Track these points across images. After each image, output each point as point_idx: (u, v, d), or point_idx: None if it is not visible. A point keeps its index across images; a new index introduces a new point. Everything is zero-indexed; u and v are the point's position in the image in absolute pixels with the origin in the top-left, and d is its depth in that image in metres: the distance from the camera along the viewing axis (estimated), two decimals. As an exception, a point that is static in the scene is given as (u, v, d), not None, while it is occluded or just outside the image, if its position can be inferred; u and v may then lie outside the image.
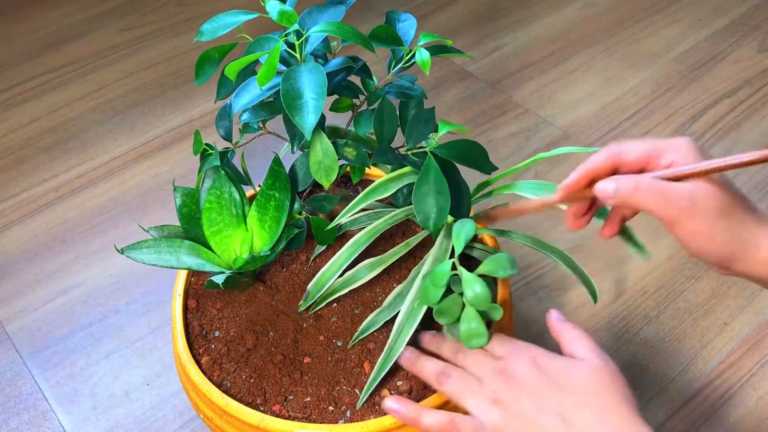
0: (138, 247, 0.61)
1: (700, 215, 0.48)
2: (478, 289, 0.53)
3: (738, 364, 0.81)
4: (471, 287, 0.54)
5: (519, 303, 0.86)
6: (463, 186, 0.61)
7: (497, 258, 0.56)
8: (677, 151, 0.49)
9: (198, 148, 0.62)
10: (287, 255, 0.70)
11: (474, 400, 0.53)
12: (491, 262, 0.55)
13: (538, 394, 0.51)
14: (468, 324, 0.56)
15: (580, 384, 0.51)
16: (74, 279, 0.92)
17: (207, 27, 0.58)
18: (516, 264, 0.56)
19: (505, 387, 0.52)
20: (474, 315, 0.55)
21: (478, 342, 0.56)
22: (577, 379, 0.52)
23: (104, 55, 1.27)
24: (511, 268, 0.55)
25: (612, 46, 1.24)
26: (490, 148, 1.06)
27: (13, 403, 0.80)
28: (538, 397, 0.51)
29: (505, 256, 0.56)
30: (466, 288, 0.54)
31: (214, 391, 0.59)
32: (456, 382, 0.55)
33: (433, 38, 0.59)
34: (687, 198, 0.47)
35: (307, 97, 0.52)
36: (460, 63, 1.22)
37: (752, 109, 1.11)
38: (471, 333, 0.56)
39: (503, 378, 0.53)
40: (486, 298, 0.54)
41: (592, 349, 0.54)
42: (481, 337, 0.56)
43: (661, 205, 0.48)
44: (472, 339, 0.56)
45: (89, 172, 1.06)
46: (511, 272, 0.55)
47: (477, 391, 0.53)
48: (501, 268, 0.55)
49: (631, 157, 0.50)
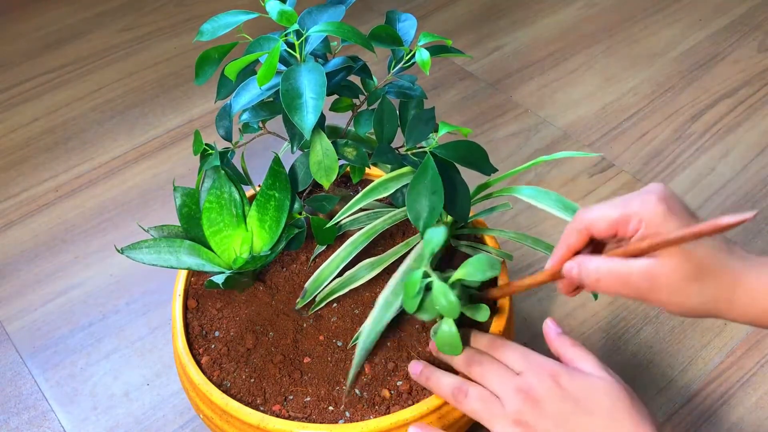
0: (138, 247, 0.61)
1: (665, 289, 0.47)
2: (452, 298, 0.52)
3: (738, 364, 0.81)
4: (444, 297, 0.52)
5: (519, 303, 0.86)
6: (463, 187, 0.61)
7: (475, 261, 0.54)
8: (643, 213, 0.48)
9: (198, 148, 0.62)
10: (287, 255, 0.70)
11: (496, 421, 0.52)
12: (468, 265, 0.54)
13: (563, 416, 0.51)
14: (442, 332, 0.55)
15: (603, 406, 0.51)
16: (74, 279, 0.92)
17: (207, 27, 0.58)
18: (497, 265, 0.54)
19: (528, 409, 0.51)
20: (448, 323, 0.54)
21: (451, 351, 0.56)
22: (599, 400, 0.51)
23: (104, 55, 1.27)
24: (490, 269, 0.54)
25: (612, 46, 1.24)
26: (490, 148, 1.06)
27: (13, 403, 0.80)
28: (563, 419, 0.50)
29: (485, 257, 0.54)
30: (437, 298, 0.53)
31: (214, 391, 0.59)
32: (475, 400, 0.54)
33: (433, 38, 0.59)
34: (647, 278, 0.47)
35: (306, 96, 0.52)
36: (460, 63, 1.22)
37: (752, 109, 1.11)
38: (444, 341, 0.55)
39: (525, 397, 0.52)
40: (456, 308, 0.52)
41: (599, 366, 0.53)
42: (455, 349, 0.55)
43: (623, 290, 0.48)
44: (445, 347, 0.56)
45: (89, 172, 1.06)
46: (490, 274, 0.54)
47: (498, 412, 0.52)
48: (479, 271, 0.54)
49: (601, 228, 0.50)
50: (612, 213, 0.49)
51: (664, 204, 0.48)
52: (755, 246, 0.91)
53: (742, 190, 0.99)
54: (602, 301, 0.87)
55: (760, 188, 0.99)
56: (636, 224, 0.48)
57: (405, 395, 0.60)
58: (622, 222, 0.49)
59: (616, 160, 1.03)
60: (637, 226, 0.48)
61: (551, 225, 0.94)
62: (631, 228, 0.48)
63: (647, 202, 0.48)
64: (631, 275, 0.48)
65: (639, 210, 0.48)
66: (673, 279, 0.47)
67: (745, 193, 0.98)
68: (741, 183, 0.99)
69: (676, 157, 1.04)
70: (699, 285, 0.47)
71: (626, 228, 0.49)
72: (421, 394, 0.59)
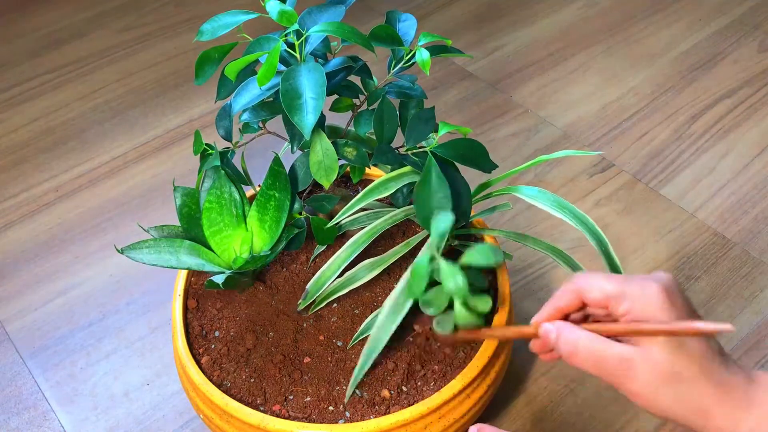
0: (138, 247, 0.61)
1: (639, 381, 0.45)
2: (460, 278, 0.52)
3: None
4: (452, 278, 0.53)
5: (519, 303, 0.86)
6: (463, 186, 0.61)
7: (480, 248, 0.54)
8: (638, 299, 0.46)
9: (198, 148, 0.62)
10: (287, 255, 0.70)
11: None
12: (473, 251, 0.54)
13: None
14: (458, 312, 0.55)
15: None
16: (74, 279, 0.92)
17: (207, 27, 0.58)
18: (500, 253, 0.54)
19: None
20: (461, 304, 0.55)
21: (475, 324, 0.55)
22: None
23: (104, 55, 1.27)
24: (494, 256, 0.53)
25: (612, 46, 1.24)
26: (490, 148, 1.06)
27: (13, 403, 0.80)
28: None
29: (488, 245, 0.55)
30: (446, 279, 0.53)
31: (214, 391, 0.59)
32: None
33: (433, 38, 0.59)
34: (622, 366, 0.45)
35: (306, 96, 0.52)
36: (460, 63, 1.22)
37: (752, 109, 1.10)
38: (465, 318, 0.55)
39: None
40: (465, 287, 0.53)
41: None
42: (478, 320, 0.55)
43: (597, 370, 0.46)
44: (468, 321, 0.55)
45: (89, 172, 1.06)
46: (494, 260, 0.53)
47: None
48: (483, 257, 0.54)
49: (594, 296, 0.48)
50: (608, 286, 0.47)
51: (664, 294, 0.46)
52: (755, 246, 0.91)
53: (742, 190, 0.99)
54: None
55: (760, 188, 0.99)
56: (628, 306, 0.46)
57: (405, 395, 0.60)
58: (616, 298, 0.47)
59: (616, 160, 1.03)
60: (629, 308, 0.46)
61: (551, 225, 0.94)
62: (622, 309, 0.46)
63: (648, 288, 0.46)
64: (607, 358, 0.46)
65: (637, 292, 0.46)
66: (648, 374, 0.44)
67: (745, 193, 0.98)
68: (741, 183, 0.99)
69: (676, 157, 1.04)
70: (673, 388, 0.44)
71: (618, 306, 0.47)
72: (421, 394, 0.59)
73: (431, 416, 0.57)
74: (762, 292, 0.87)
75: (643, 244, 0.93)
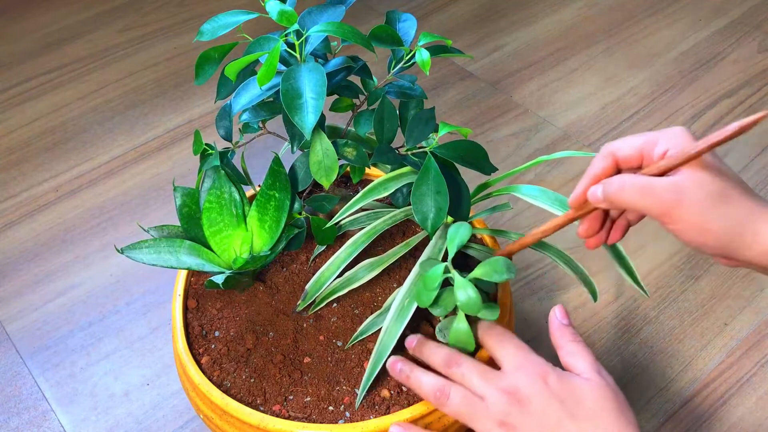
0: (138, 247, 0.61)
1: (690, 206, 0.46)
2: (471, 293, 0.53)
3: (738, 364, 0.81)
4: (464, 291, 0.53)
5: (519, 303, 0.86)
6: (463, 187, 0.61)
7: (493, 261, 0.55)
8: (670, 139, 0.48)
9: (198, 148, 0.62)
10: (287, 255, 0.70)
11: (480, 422, 0.51)
12: (486, 265, 0.54)
13: (547, 417, 0.50)
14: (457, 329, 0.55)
15: (590, 409, 0.50)
16: (74, 279, 0.92)
17: (207, 27, 0.58)
18: (513, 268, 0.54)
19: (515, 410, 0.51)
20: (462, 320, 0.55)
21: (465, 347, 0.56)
22: (587, 402, 0.51)
23: (104, 55, 1.27)
24: (507, 272, 0.54)
25: (612, 46, 1.24)
26: (490, 148, 1.06)
27: (13, 403, 0.80)
28: (547, 420, 0.50)
29: (502, 260, 0.55)
30: (458, 292, 0.53)
31: (214, 391, 0.59)
32: (458, 402, 0.53)
33: (433, 38, 0.59)
34: (673, 190, 0.46)
35: (306, 96, 0.52)
36: (460, 63, 1.22)
37: (752, 109, 1.11)
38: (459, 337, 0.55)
39: (510, 398, 0.51)
40: (477, 304, 0.53)
41: (592, 366, 0.53)
42: (468, 346, 0.56)
43: (649, 202, 0.47)
44: (459, 343, 0.56)
45: (89, 172, 1.06)
46: (506, 276, 0.54)
47: (483, 414, 0.52)
48: (496, 272, 0.54)
49: (625, 154, 0.50)
50: (638, 139, 0.50)
51: (687, 133, 0.49)
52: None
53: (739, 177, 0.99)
54: (603, 302, 0.87)
55: (761, 188, 0.99)
56: (664, 145, 0.48)
57: (405, 395, 0.60)
58: (649, 143, 0.49)
59: (616, 160, 1.03)
60: (665, 146, 0.48)
61: (551, 225, 0.94)
62: (658, 150, 0.48)
63: (671, 131, 0.49)
64: (659, 187, 0.47)
65: (668, 133, 0.49)
66: (698, 195, 0.46)
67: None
68: (741, 183, 0.99)
69: (676, 157, 1.04)
70: (721, 209, 0.46)
71: (653, 150, 0.49)
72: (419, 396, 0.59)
73: (431, 416, 0.57)
74: (762, 292, 0.87)
75: (644, 243, 0.93)
